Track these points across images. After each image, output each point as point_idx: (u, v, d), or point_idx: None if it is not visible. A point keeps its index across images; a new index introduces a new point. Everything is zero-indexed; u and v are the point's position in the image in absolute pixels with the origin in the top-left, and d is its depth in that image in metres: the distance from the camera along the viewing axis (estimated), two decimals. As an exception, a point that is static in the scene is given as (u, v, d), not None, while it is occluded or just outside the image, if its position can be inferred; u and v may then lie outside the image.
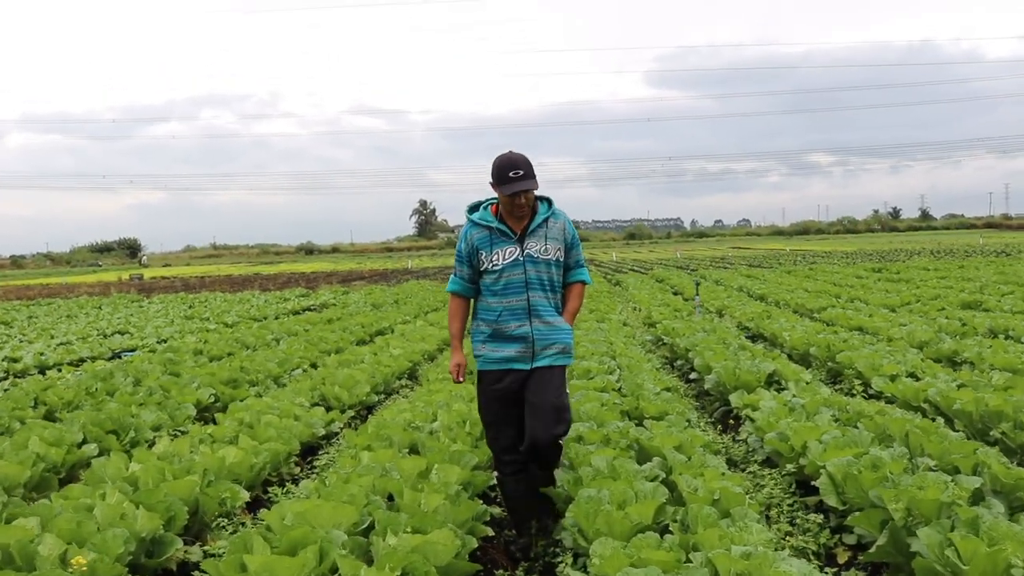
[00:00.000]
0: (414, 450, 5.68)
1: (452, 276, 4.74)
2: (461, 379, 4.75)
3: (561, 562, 4.15)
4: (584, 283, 4.79)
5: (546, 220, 4.56)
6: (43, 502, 4.56)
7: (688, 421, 6.70)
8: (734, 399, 7.18)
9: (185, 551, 4.43)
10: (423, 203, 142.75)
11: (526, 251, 4.48)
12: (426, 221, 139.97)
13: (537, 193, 4.56)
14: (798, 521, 4.77)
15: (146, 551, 4.18)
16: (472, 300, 4.73)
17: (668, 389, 7.85)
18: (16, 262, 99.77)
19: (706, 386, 8.28)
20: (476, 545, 4.06)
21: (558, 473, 4.77)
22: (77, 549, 3.76)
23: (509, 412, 4.57)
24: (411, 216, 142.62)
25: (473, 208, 4.68)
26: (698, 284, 17.17)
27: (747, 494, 4.67)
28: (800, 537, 4.54)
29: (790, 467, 5.34)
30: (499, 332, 4.51)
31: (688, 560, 3.49)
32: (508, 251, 4.49)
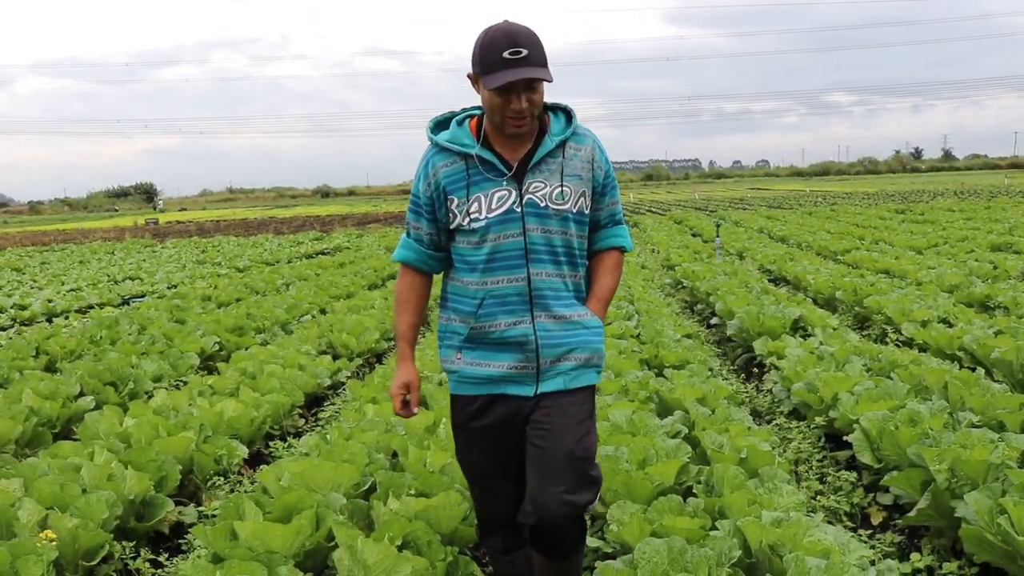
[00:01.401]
0: (422, 403, 5.41)
1: (403, 237, 2.80)
2: (414, 411, 2.84)
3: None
4: (623, 250, 2.83)
5: (563, 144, 2.64)
6: (31, 461, 4.32)
7: (711, 370, 6.40)
8: (758, 346, 6.86)
9: (179, 512, 4.19)
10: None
11: (527, 196, 2.59)
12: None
13: (549, 99, 2.65)
14: (829, 479, 4.47)
15: (136, 513, 3.94)
16: (436, 278, 2.86)
17: (689, 336, 7.55)
18: (34, 208, 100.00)
19: (728, 332, 7.96)
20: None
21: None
22: (59, 514, 3.52)
23: (504, 462, 2.76)
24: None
25: (440, 125, 2.74)
26: (718, 225, 16.75)
27: (774, 450, 4.38)
28: (832, 496, 4.25)
29: (819, 420, 5.03)
30: (482, 334, 2.66)
31: (714, 527, 3.21)
32: (496, 196, 2.59)
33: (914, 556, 3.54)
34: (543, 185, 2.58)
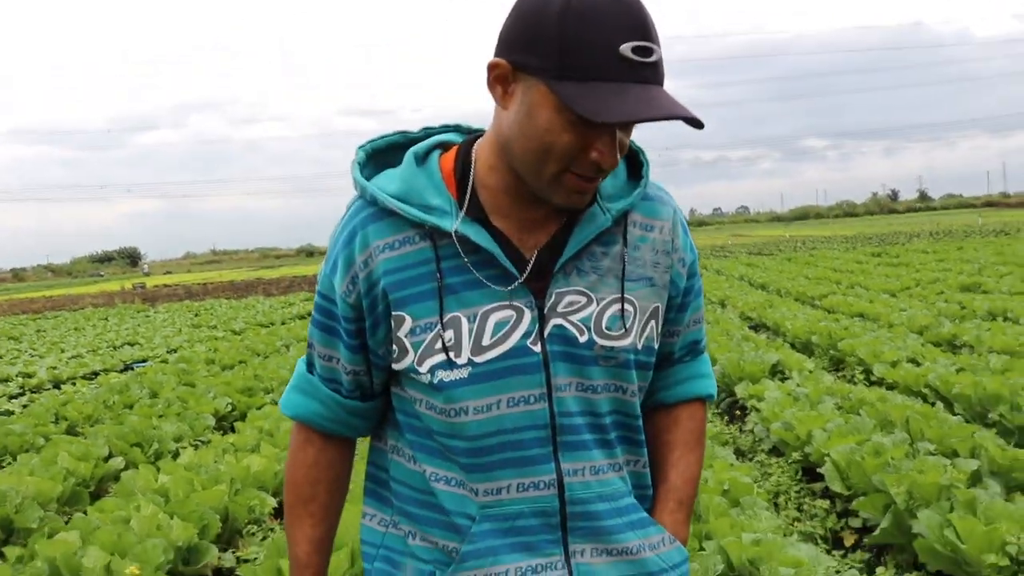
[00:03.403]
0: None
1: (299, 366, 1.49)
2: None
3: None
4: (709, 399, 1.56)
5: (624, 220, 1.38)
6: (79, 516, 4.75)
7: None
8: (739, 390, 7.38)
9: (219, 557, 4.62)
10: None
11: (554, 321, 1.32)
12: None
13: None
14: (805, 507, 4.96)
15: (183, 559, 4.38)
16: (363, 449, 1.67)
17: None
18: (17, 275, 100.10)
19: (711, 378, 8.48)
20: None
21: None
22: (120, 560, 3.96)
23: None
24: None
25: (377, 158, 1.41)
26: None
27: (755, 483, 4.86)
28: (808, 522, 4.74)
29: (796, 455, 5.53)
30: None
31: (702, 548, 3.68)
32: (494, 320, 1.31)
33: (879, 570, 4.03)
34: (585, 300, 1.32)
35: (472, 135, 1.38)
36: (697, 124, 1.17)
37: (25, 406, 10.10)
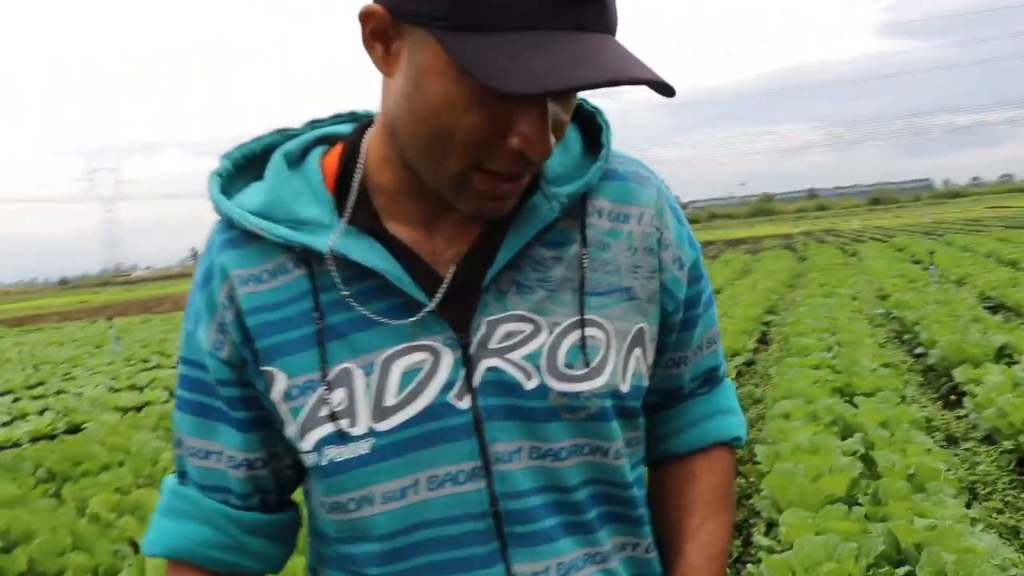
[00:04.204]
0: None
1: (167, 485, 1.04)
2: None
3: (756, 530, 4.41)
4: (736, 443, 1.12)
5: (581, 208, 0.97)
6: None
7: (902, 397, 6.64)
8: (958, 373, 7.01)
9: None
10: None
11: (485, 362, 0.93)
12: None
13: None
14: (1011, 500, 4.72)
15: None
16: None
17: (887, 365, 7.75)
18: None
19: (930, 361, 8.08)
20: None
21: (759, 448, 5.00)
22: None
23: None
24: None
25: (247, 168, 1.00)
26: (932, 253, 16.33)
27: (951, 470, 4.69)
28: (1011, 515, 4.52)
29: (1008, 444, 5.25)
30: None
31: (868, 531, 3.67)
32: (400, 366, 0.92)
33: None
34: (530, 328, 0.94)
35: (364, 123, 0.98)
36: (665, 90, 0.79)
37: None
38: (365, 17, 0.85)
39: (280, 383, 0.94)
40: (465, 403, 0.92)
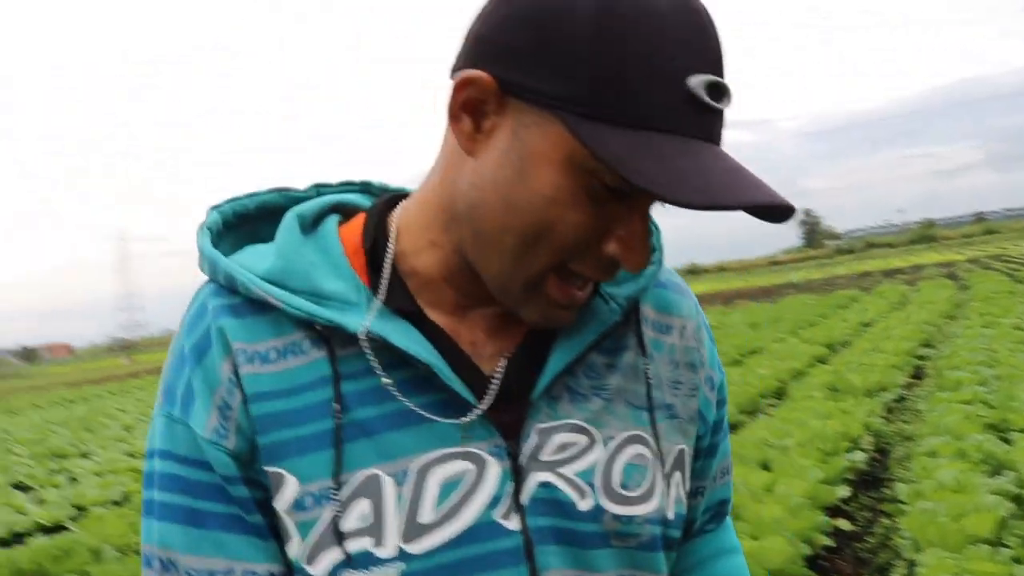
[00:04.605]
0: (765, 466, 6.08)
1: None
2: None
3: (896, 572, 4.36)
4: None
5: (635, 315, 0.90)
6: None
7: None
8: None
9: None
10: (807, 212, 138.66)
11: (537, 476, 0.81)
12: (812, 230, 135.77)
13: None
14: None
15: None
16: None
17: (1049, 400, 7.40)
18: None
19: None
20: (809, 552, 4.41)
21: (900, 486, 4.93)
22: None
23: None
24: (797, 227, 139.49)
25: (235, 226, 0.88)
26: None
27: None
28: None
29: None
30: None
31: None
32: (439, 475, 0.78)
33: None
34: (585, 441, 0.84)
35: (387, 197, 0.89)
36: (785, 214, 0.70)
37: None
38: (465, 84, 0.74)
39: (289, 489, 0.77)
40: (514, 523, 0.79)
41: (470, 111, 0.75)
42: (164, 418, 0.80)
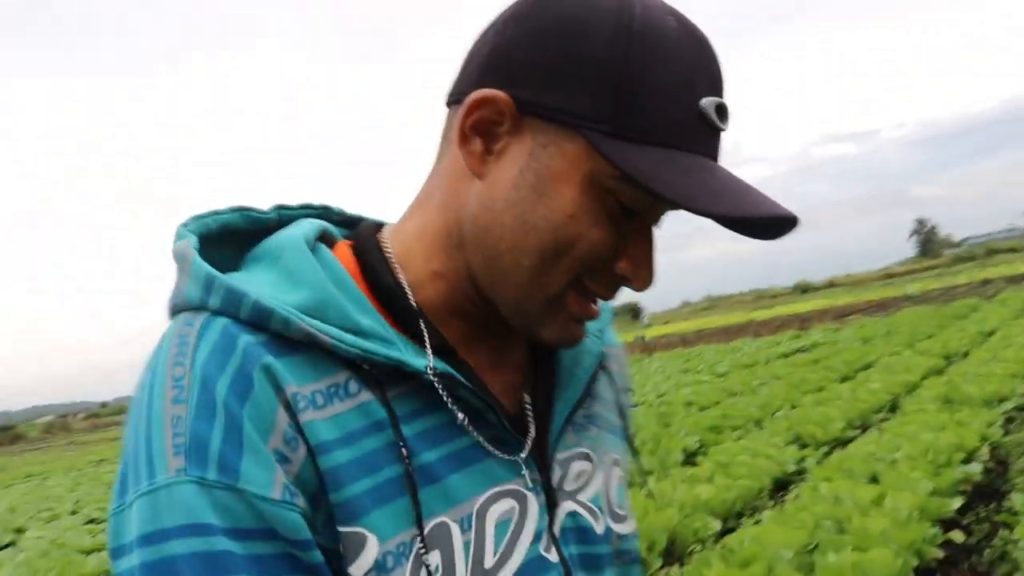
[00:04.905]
0: (874, 479, 5.95)
1: None
2: None
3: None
4: None
5: (600, 359, 0.91)
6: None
7: None
8: None
9: (666, 572, 5.28)
10: (920, 222, 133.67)
11: (565, 504, 0.84)
12: (927, 239, 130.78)
13: None
14: None
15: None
16: None
17: None
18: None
19: None
20: (918, 564, 4.32)
21: (1016, 496, 4.77)
22: None
23: None
24: (910, 237, 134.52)
25: (215, 245, 0.79)
26: None
27: None
28: None
29: None
30: None
31: None
32: (492, 514, 0.77)
33: None
34: (590, 467, 0.89)
35: (369, 225, 0.85)
36: (789, 224, 0.72)
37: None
38: (478, 104, 0.73)
39: (371, 550, 0.69)
40: (554, 555, 0.80)
41: (482, 132, 0.74)
42: (190, 486, 0.64)
